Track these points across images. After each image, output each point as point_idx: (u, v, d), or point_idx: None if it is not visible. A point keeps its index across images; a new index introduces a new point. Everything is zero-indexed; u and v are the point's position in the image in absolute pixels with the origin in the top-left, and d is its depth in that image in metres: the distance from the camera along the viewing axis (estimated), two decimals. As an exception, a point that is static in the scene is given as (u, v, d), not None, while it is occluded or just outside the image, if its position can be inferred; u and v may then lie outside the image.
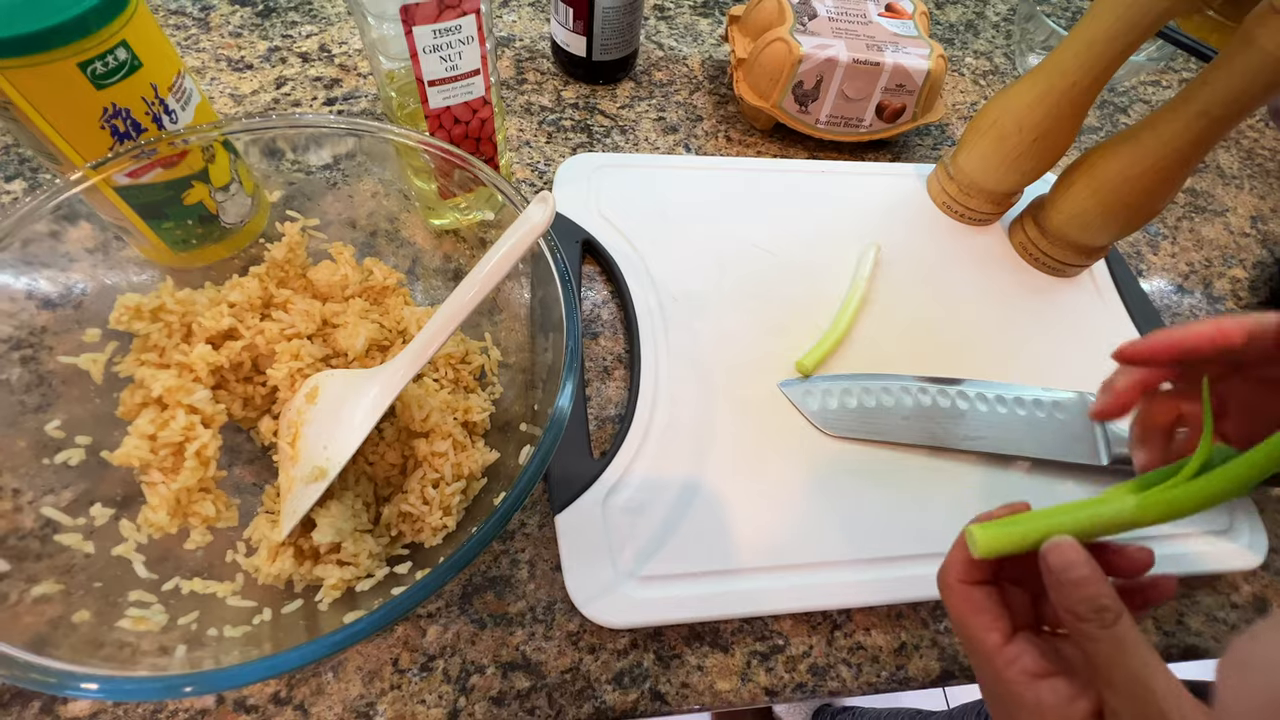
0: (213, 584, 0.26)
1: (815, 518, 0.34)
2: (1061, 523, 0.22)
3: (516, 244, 0.26)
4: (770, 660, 0.31)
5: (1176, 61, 0.67)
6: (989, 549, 0.22)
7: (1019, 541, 0.22)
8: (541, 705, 0.29)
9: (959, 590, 0.23)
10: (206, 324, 0.29)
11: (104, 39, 0.27)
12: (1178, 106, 0.36)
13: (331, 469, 0.27)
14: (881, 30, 0.48)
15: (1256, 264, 0.52)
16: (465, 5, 0.30)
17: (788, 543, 0.33)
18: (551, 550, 0.32)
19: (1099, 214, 0.41)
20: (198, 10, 0.51)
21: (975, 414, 0.37)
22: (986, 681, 0.23)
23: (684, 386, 0.37)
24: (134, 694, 0.18)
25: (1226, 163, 0.59)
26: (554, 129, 0.49)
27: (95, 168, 0.28)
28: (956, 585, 0.23)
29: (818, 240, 0.45)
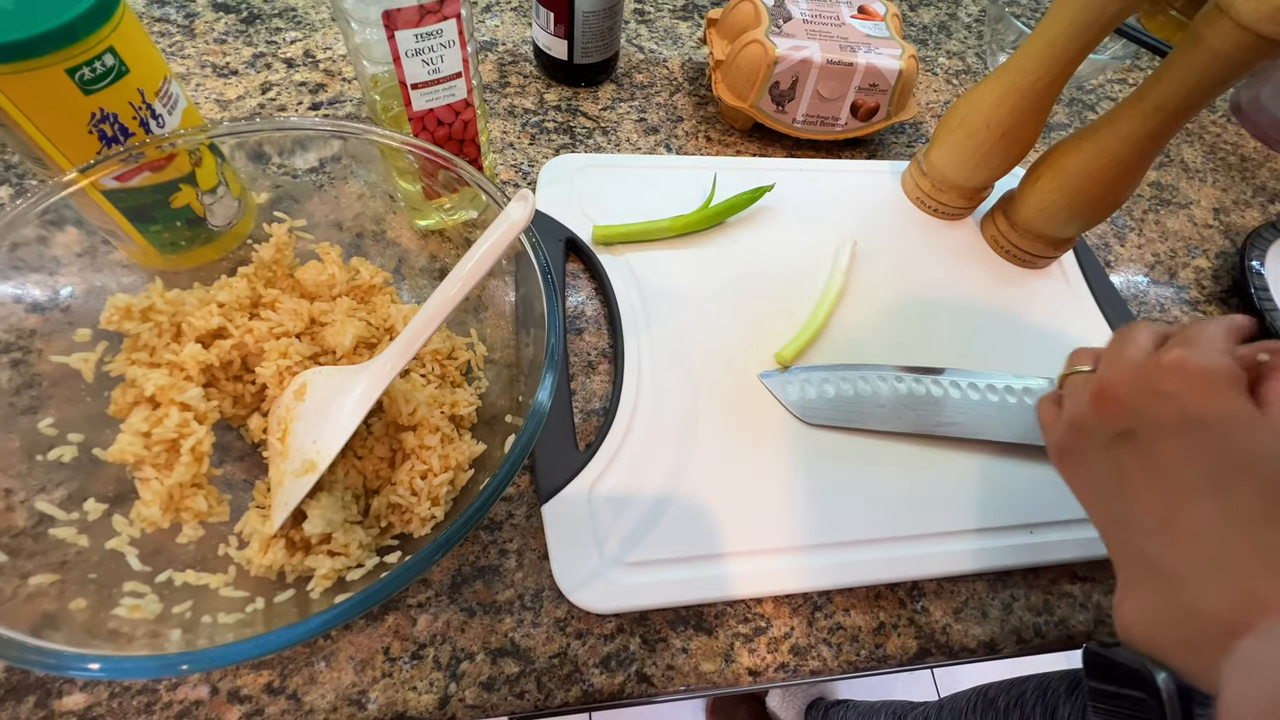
0: (205, 576, 0.26)
1: (795, 503, 0.35)
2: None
3: (498, 241, 0.27)
4: (753, 642, 0.32)
5: (1142, 60, 0.69)
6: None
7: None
8: (530, 689, 0.30)
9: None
10: (196, 323, 0.30)
11: (91, 45, 0.27)
12: (1134, 102, 0.38)
13: (321, 462, 0.27)
14: (854, 32, 0.49)
15: (1219, 254, 0.54)
16: (446, 10, 0.31)
17: (769, 527, 0.34)
18: (538, 540, 0.33)
19: (1064, 207, 0.43)
20: (182, 17, 0.51)
21: (950, 401, 0.39)
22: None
23: (666, 379, 0.38)
24: (132, 672, 0.19)
25: (1190, 157, 0.61)
26: (537, 131, 0.50)
27: (83, 171, 0.28)
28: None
29: (796, 236, 0.46)
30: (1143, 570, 0.23)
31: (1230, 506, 0.21)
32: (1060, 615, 0.35)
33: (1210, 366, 0.22)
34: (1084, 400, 0.25)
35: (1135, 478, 0.24)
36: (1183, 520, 0.22)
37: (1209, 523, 0.22)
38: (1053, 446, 0.28)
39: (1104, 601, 0.36)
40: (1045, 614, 0.35)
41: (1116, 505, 0.25)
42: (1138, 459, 0.24)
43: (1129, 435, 0.24)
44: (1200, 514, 0.22)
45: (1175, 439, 0.23)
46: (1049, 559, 0.36)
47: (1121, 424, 0.24)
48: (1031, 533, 0.36)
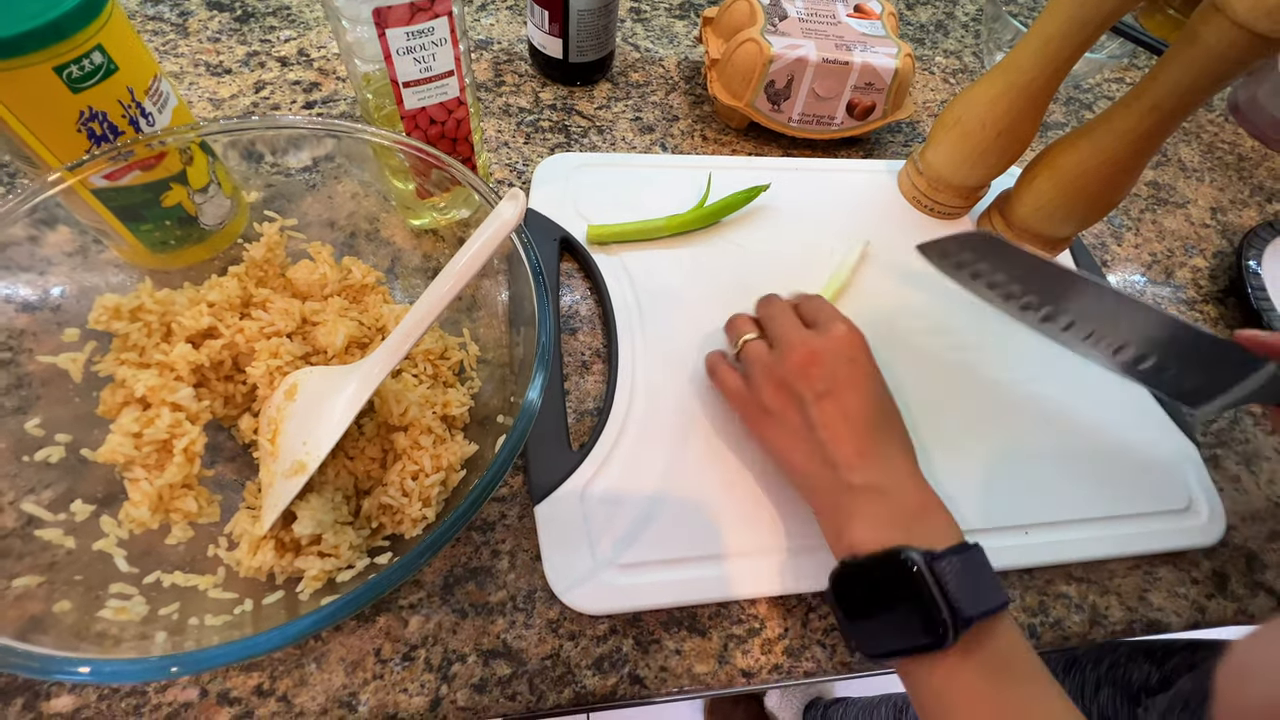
0: (194, 577, 0.26)
1: (789, 504, 0.35)
2: None
3: (489, 240, 0.27)
4: (746, 643, 0.32)
5: (1139, 58, 0.69)
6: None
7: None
8: (523, 691, 0.30)
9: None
10: (186, 323, 0.30)
11: (79, 43, 0.27)
12: (1130, 101, 0.38)
13: (311, 463, 0.27)
14: (850, 30, 0.49)
15: (1216, 253, 0.54)
16: (437, 8, 0.31)
17: (763, 528, 0.34)
18: (531, 540, 0.33)
19: (1061, 206, 0.42)
20: (175, 16, 0.51)
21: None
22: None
23: (661, 379, 0.38)
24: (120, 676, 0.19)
25: (1187, 156, 0.61)
26: (532, 130, 0.50)
27: (71, 170, 0.28)
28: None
29: (792, 236, 0.46)
30: (854, 498, 0.29)
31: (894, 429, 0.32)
32: (1055, 616, 0.35)
33: (860, 334, 0.33)
34: (789, 366, 0.32)
35: (836, 426, 0.30)
36: (873, 449, 0.30)
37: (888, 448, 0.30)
38: (753, 407, 0.34)
39: (1098, 602, 0.36)
40: (1040, 615, 0.35)
41: (823, 450, 0.30)
42: (835, 410, 0.31)
43: (826, 393, 0.31)
44: (881, 442, 0.30)
45: (856, 391, 0.31)
46: (1044, 560, 0.36)
47: (823, 385, 0.31)
48: (1026, 533, 0.36)
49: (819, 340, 0.32)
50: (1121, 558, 0.37)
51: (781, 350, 0.33)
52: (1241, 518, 0.40)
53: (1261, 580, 0.38)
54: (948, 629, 0.24)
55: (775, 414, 0.32)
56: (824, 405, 0.31)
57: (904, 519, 0.28)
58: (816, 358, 0.32)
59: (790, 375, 0.32)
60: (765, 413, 0.33)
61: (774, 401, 0.32)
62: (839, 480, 0.29)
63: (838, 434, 0.30)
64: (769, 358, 0.33)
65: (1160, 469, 0.39)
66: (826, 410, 0.31)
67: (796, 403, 0.32)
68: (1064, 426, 0.40)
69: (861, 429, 0.30)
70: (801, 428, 0.31)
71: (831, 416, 0.30)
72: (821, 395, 0.31)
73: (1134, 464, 0.39)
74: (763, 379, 0.33)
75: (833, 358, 0.32)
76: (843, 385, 0.31)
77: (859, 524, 0.28)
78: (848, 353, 0.32)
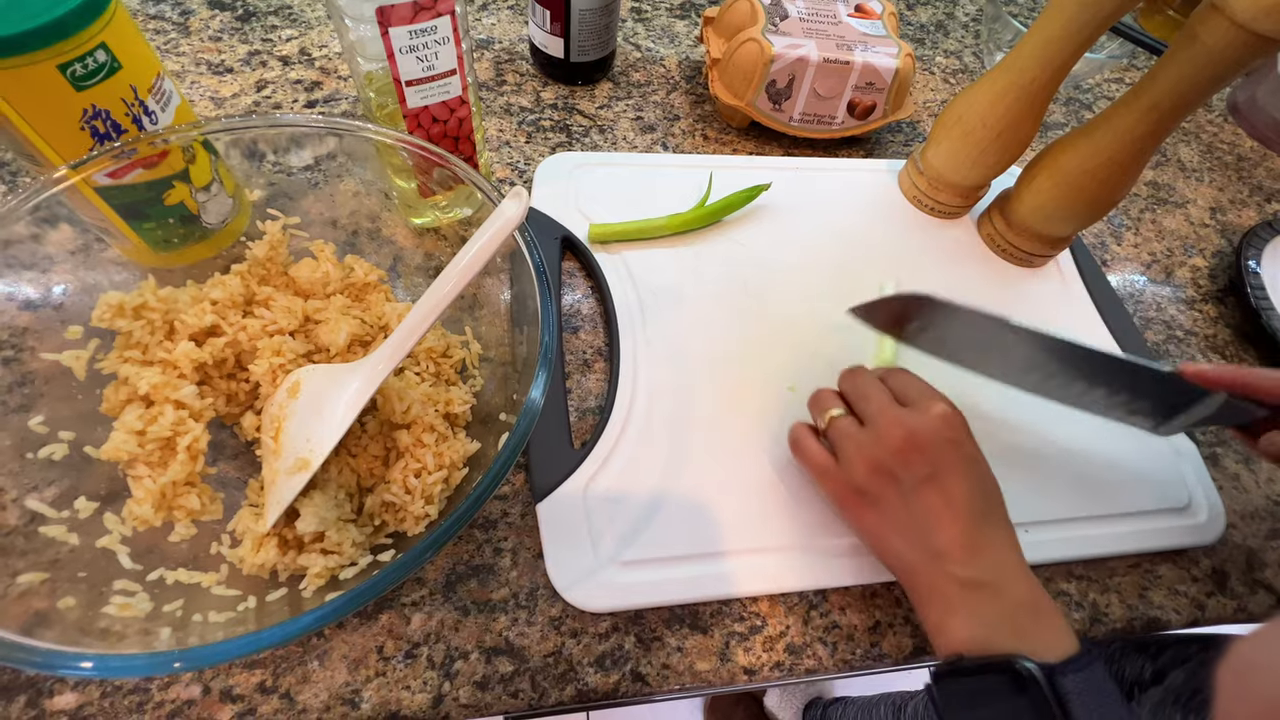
0: (197, 574, 0.26)
1: (791, 502, 0.35)
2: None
3: (491, 238, 0.27)
4: (748, 640, 0.32)
5: (1138, 59, 0.69)
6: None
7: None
8: (525, 689, 0.30)
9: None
10: (189, 321, 0.30)
11: (83, 41, 0.27)
12: (1130, 101, 0.38)
13: (315, 460, 0.27)
14: (851, 30, 0.49)
15: (1216, 253, 0.54)
16: (440, 6, 0.31)
17: (765, 526, 0.34)
18: (533, 538, 0.33)
19: (1061, 205, 0.43)
20: (177, 15, 0.51)
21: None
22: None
23: (662, 377, 0.38)
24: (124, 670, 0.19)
25: (1187, 156, 0.61)
26: (533, 129, 0.50)
27: (75, 168, 0.28)
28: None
29: (793, 235, 0.46)
30: (959, 591, 0.27)
31: (999, 517, 0.30)
32: (1056, 614, 0.35)
33: (959, 414, 0.31)
34: (886, 448, 0.30)
35: (939, 514, 0.29)
36: (979, 540, 0.28)
37: (995, 538, 0.29)
38: (844, 487, 0.32)
39: (1099, 600, 0.36)
40: (1041, 613, 0.35)
41: (925, 539, 0.29)
42: (939, 497, 0.29)
43: (929, 479, 0.29)
44: (987, 533, 0.29)
45: (960, 477, 0.29)
46: (1044, 558, 0.36)
47: (925, 469, 0.29)
48: (1027, 531, 0.36)
49: (917, 419, 0.30)
50: (1122, 556, 0.37)
51: (877, 429, 0.30)
52: (1241, 516, 0.40)
53: (1261, 578, 0.38)
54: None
55: (871, 496, 0.30)
56: (926, 492, 0.29)
57: (1014, 621, 0.26)
58: (916, 439, 0.29)
59: (888, 457, 0.30)
60: (859, 494, 0.31)
61: (870, 484, 0.30)
62: (942, 571, 0.28)
63: (941, 523, 0.28)
64: (862, 436, 0.31)
65: (1160, 467, 0.39)
66: (929, 497, 0.29)
67: (895, 487, 0.30)
68: (1064, 425, 0.40)
69: (966, 518, 0.28)
70: (901, 513, 0.29)
71: (934, 504, 0.29)
72: (923, 481, 0.29)
73: (1134, 462, 0.39)
74: (856, 459, 0.31)
75: (933, 439, 0.29)
76: (946, 470, 0.29)
77: (964, 621, 0.27)
78: (949, 434, 0.30)
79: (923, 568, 0.29)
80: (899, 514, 0.30)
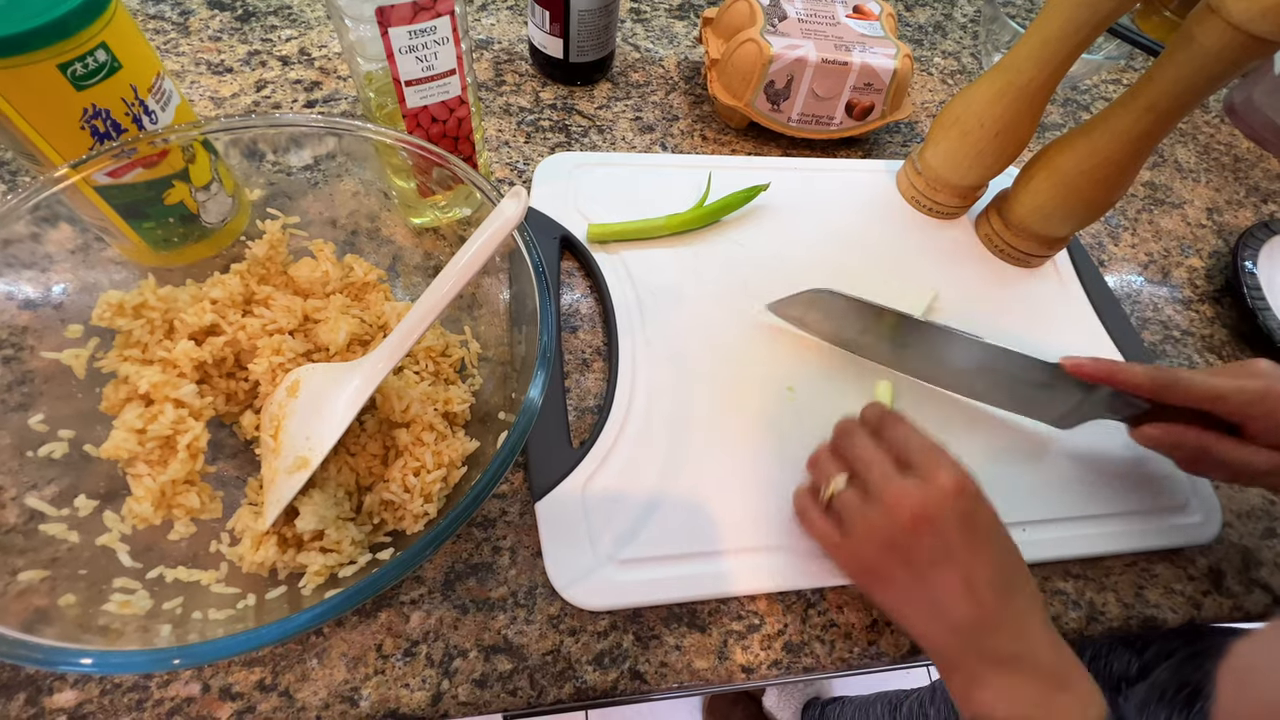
0: (197, 572, 0.26)
1: (789, 500, 0.35)
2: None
3: (491, 237, 0.27)
4: (746, 639, 0.32)
5: (1135, 60, 0.70)
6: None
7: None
8: (524, 686, 0.30)
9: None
10: (189, 320, 0.30)
11: (83, 41, 0.27)
12: (1127, 102, 0.38)
13: (314, 458, 0.27)
14: (849, 31, 0.49)
15: (1212, 254, 0.54)
16: (440, 7, 0.31)
17: (763, 525, 0.34)
18: (532, 537, 0.33)
19: (1058, 205, 0.43)
20: (176, 15, 0.51)
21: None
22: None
23: (661, 377, 0.38)
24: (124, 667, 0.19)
25: (1184, 157, 0.61)
26: (532, 129, 0.50)
27: (75, 167, 0.28)
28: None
29: (791, 235, 0.46)
30: (984, 664, 0.27)
31: (1021, 585, 0.28)
32: (1053, 612, 0.35)
33: (970, 480, 0.29)
34: (895, 525, 0.28)
35: (956, 593, 0.27)
36: (1001, 613, 0.27)
37: (1017, 608, 0.28)
38: (855, 564, 0.31)
39: (1096, 599, 0.36)
40: (1038, 611, 0.35)
41: (945, 617, 0.28)
42: (956, 578, 0.27)
43: (945, 559, 0.28)
44: (1009, 604, 0.27)
45: (977, 555, 0.28)
46: (1042, 556, 0.36)
47: (939, 548, 0.28)
48: (1024, 530, 0.36)
49: (925, 492, 0.28)
50: (1118, 555, 0.37)
51: (884, 504, 0.29)
52: (1237, 515, 0.40)
53: (1256, 577, 0.38)
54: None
55: (884, 575, 0.29)
56: (942, 573, 0.28)
57: (1041, 692, 0.26)
58: (926, 518, 0.28)
59: (897, 536, 0.28)
60: (870, 571, 0.30)
61: (882, 564, 0.29)
62: (964, 644, 0.27)
63: (959, 605, 0.27)
64: (870, 513, 0.29)
65: (1157, 467, 0.40)
66: (946, 579, 0.27)
67: (909, 567, 0.28)
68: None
69: (987, 595, 0.27)
70: (916, 591, 0.28)
71: (952, 584, 0.27)
72: (938, 563, 0.28)
73: (1131, 462, 0.39)
74: (865, 538, 0.29)
75: (945, 516, 0.28)
76: (961, 549, 0.28)
77: (990, 694, 0.26)
78: (961, 507, 0.28)
79: (943, 643, 0.28)
80: (914, 592, 0.28)
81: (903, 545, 0.28)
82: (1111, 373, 0.33)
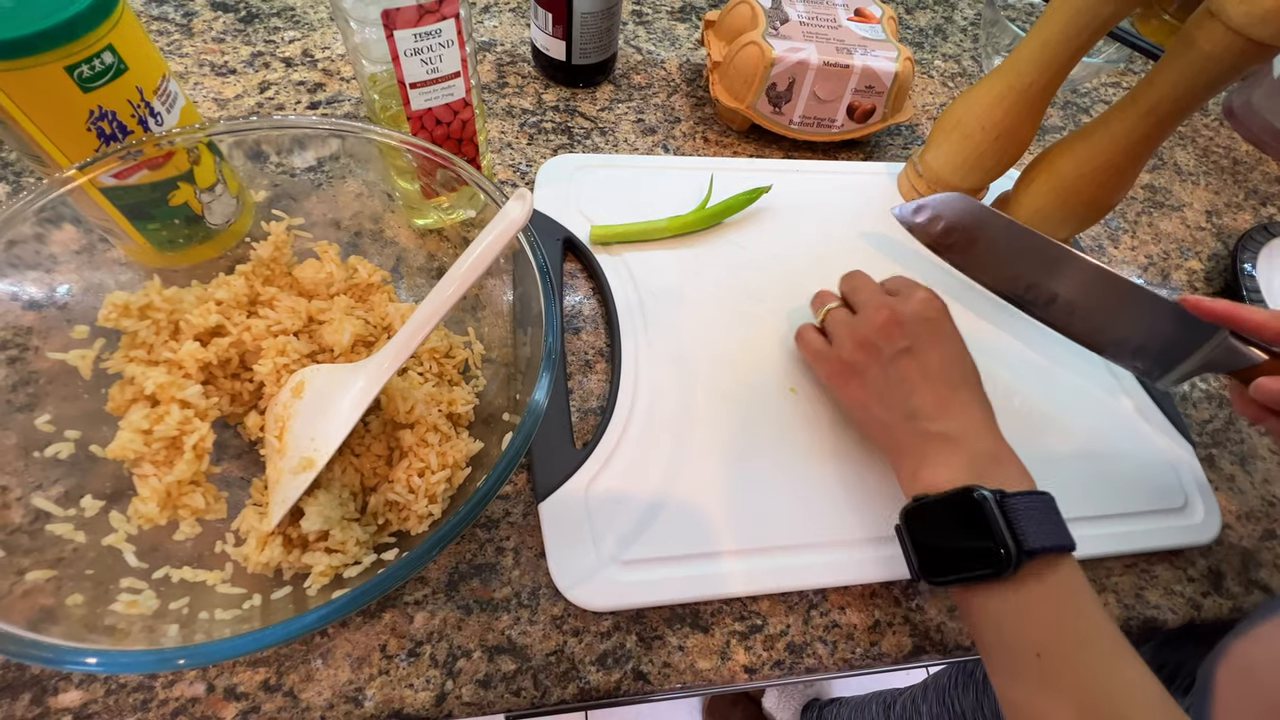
0: (202, 572, 0.26)
1: (792, 502, 0.35)
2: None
3: (496, 239, 0.27)
4: (749, 639, 0.33)
5: (1135, 64, 0.70)
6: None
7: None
8: (527, 687, 0.30)
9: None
10: (194, 321, 0.30)
11: (90, 43, 0.27)
12: (1127, 105, 0.38)
13: (319, 459, 0.28)
14: (851, 34, 0.49)
15: (1211, 256, 0.54)
16: (445, 10, 0.31)
17: (765, 526, 0.34)
18: (535, 538, 0.33)
19: (1059, 209, 0.43)
20: (180, 16, 0.51)
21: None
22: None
23: (663, 378, 0.38)
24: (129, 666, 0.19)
25: (1183, 160, 0.61)
26: (535, 131, 0.50)
27: (82, 169, 0.28)
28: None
29: (793, 237, 0.46)
30: (930, 444, 0.31)
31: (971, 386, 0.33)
32: (1054, 613, 0.36)
33: (940, 299, 0.35)
34: (871, 326, 0.34)
35: (917, 381, 0.32)
36: (951, 401, 0.32)
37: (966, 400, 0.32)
38: (835, 363, 0.36)
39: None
40: (1039, 612, 0.35)
41: (904, 403, 0.32)
42: (915, 365, 0.33)
43: (907, 350, 0.33)
44: (958, 395, 0.32)
45: (936, 348, 0.33)
46: (1043, 557, 0.36)
47: (904, 343, 0.33)
48: (1025, 531, 0.36)
49: (900, 303, 0.34)
50: (1119, 555, 0.37)
51: (865, 313, 0.35)
52: (1236, 517, 0.40)
53: (1256, 578, 0.38)
54: (1011, 558, 0.26)
55: (856, 369, 0.34)
56: (904, 361, 0.33)
57: (979, 465, 0.29)
58: (897, 317, 0.33)
59: (872, 333, 0.34)
60: (846, 368, 0.35)
61: (855, 357, 0.34)
62: (916, 428, 0.31)
63: (917, 387, 0.32)
64: (852, 320, 0.35)
65: (1157, 468, 0.40)
66: (906, 365, 0.32)
67: (877, 358, 0.33)
68: (1063, 427, 0.41)
69: (940, 383, 0.32)
70: (881, 381, 0.33)
71: (911, 371, 0.32)
72: (902, 352, 0.33)
73: (1131, 464, 0.40)
74: (845, 338, 0.35)
75: (913, 318, 0.33)
76: (923, 343, 0.33)
77: (934, 467, 0.30)
78: (928, 313, 0.34)
79: (899, 427, 0.32)
80: (879, 382, 0.33)
81: (874, 342, 0.34)
82: (1232, 311, 0.32)
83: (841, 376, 0.35)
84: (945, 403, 0.31)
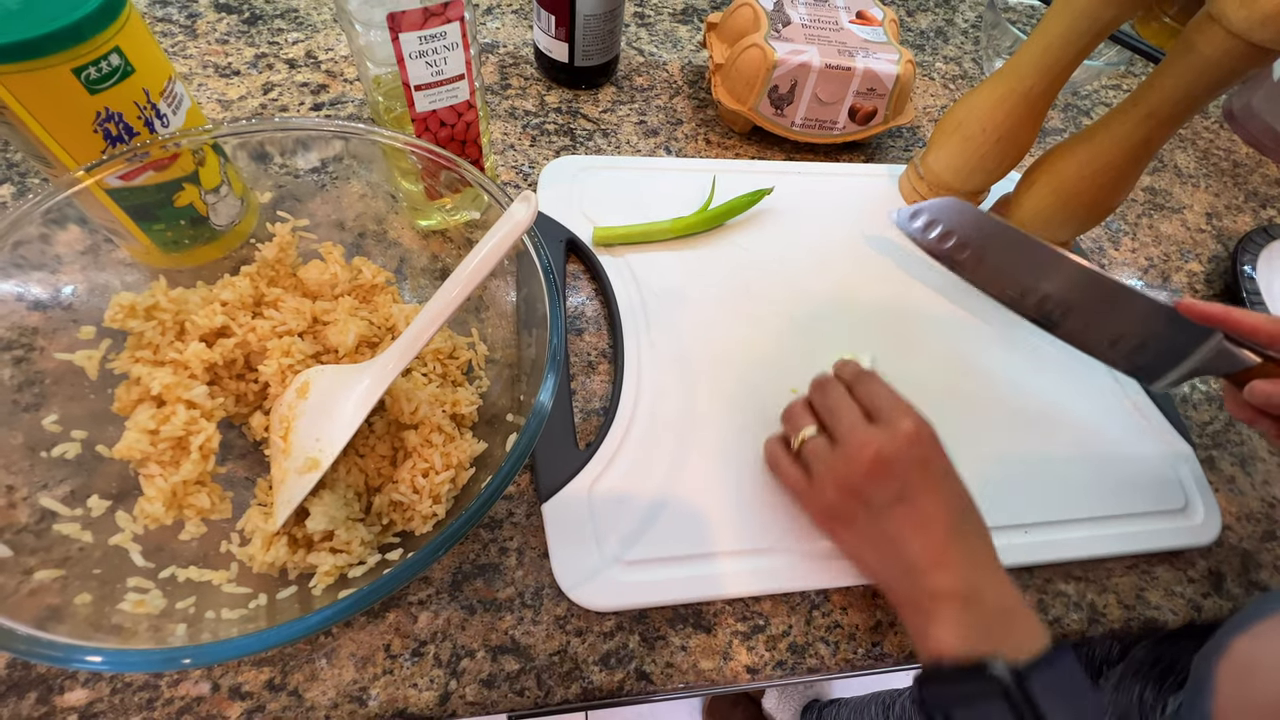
0: (208, 572, 0.27)
1: (794, 502, 0.35)
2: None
3: (500, 241, 0.28)
4: (751, 640, 0.33)
5: (1136, 66, 0.70)
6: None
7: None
8: (530, 686, 0.30)
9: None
10: (200, 322, 0.30)
11: (98, 45, 0.27)
12: (1128, 108, 0.38)
13: (324, 459, 0.28)
14: (853, 36, 0.49)
15: (1211, 258, 0.55)
16: (450, 12, 0.31)
17: (767, 527, 0.34)
18: (539, 538, 0.33)
19: (1059, 211, 0.43)
20: (184, 18, 0.52)
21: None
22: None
23: (666, 378, 0.38)
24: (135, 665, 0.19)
25: (1184, 162, 0.62)
26: (538, 132, 0.50)
27: (89, 170, 0.28)
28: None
29: (795, 239, 0.46)
30: (935, 603, 0.28)
31: (971, 527, 0.30)
32: (1055, 614, 0.36)
33: (928, 427, 0.31)
34: (856, 469, 0.30)
35: (910, 534, 0.29)
36: (951, 553, 0.29)
37: (966, 549, 0.29)
38: (820, 509, 0.33)
39: (1097, 601, 0.36)
40: (1040, 613, 0.36)
41: (899, 556, 0.29)
42: (909, 518, 0.29)
43: (899, 499, 0.30)
44: (959, 545, 0.29)
45: (930, 496, 0.30)
46: (1043, 559, 0.36)
47: (895, 488, 0.30)
48: (1026, 532, 0.36)
49: (885, 439, 0.30)
50: (1119, 557, 0.38)
51: (846, 450, 0.31)
52: (1236, 518, 0.41)
53: (1256, 579, 0.39)
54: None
55: (843, 516, 0.31)
56: (896, 513, 0.29)
57: (988, 626, 0.27)
58: (884, 461, 0.30)
59: (857, 479, 0.30)
60: (832, 513, 0.32)
61: (841, 506, 0.31)
62: (917, 585, 0.29)
63: (913, 540, 0.29)
64: (833, 458, 0.31)
65: (1157, 470, 0.40)
66: (899, 519, 0.29)
67: (866, 508, 0.30)
68: (1063, 429, 0.41)
69: (939, 534, 0.29)
70: (873, 531, 0.30)
71: (905, 525, 0.29)
72: (893, 503, 0.30)
73: (1131, 465, 0.40)
74: (827, 480, 0.31)
75: (902, 460, 0.30)
76: (915, 490, 0.30)
77: (942, 630, 0.27)
78: (917, 452, 0.30)
79: (898, 582, 0.30)
80: (871, 532, 0.31)
81: (862, 488, 0.30)
82: (1227, 314, 0.31)
83: (829, 522, 0.33)
84: (944, 551, 0.29)
